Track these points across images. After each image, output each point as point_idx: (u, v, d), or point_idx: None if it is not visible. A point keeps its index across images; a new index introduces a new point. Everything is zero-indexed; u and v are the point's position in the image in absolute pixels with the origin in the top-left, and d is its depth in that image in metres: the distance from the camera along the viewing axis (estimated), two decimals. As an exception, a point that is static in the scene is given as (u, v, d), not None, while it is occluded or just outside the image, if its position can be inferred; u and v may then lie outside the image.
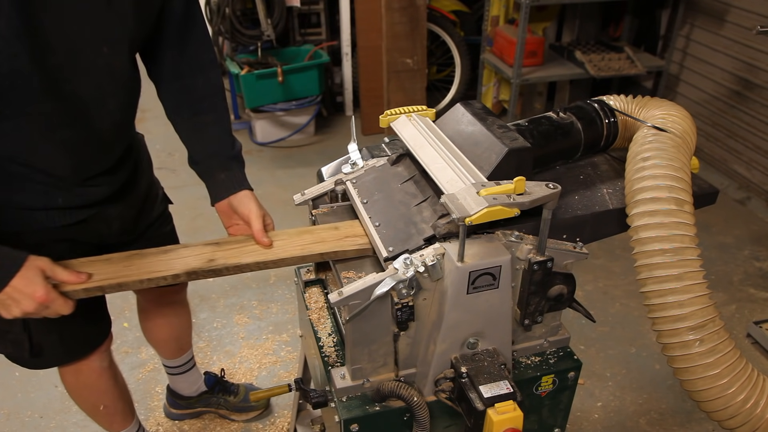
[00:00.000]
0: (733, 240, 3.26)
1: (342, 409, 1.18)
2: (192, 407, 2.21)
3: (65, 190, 1.32)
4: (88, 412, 1.79)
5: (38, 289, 1.12)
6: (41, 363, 1.56)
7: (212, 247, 1.30)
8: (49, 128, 1.22)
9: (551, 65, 3.96)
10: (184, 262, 1.25)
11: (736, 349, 1.20)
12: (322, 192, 1.44)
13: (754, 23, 3.15)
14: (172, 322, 1.97)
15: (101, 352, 1.65)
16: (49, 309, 1.15)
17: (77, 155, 1.29)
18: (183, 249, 1.29)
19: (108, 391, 1.75)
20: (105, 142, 1.35)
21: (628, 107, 1.40)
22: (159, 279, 1.22)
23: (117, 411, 1.80)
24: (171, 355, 2.07)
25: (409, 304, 1.11)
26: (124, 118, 1.39)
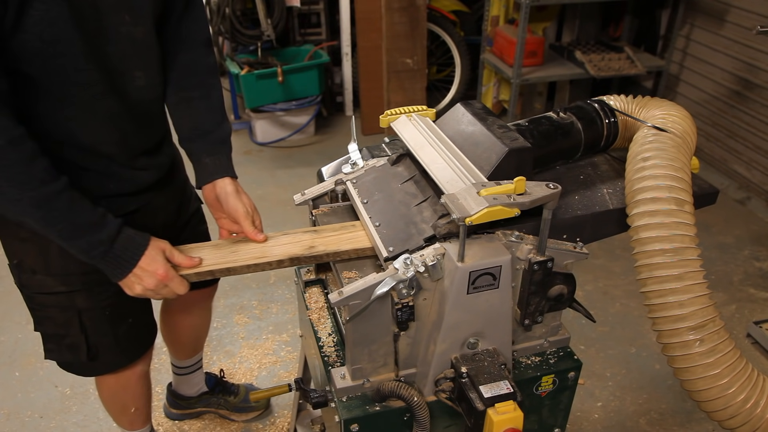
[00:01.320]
0: (733, 240, 3.26)
1: (342, 409, 1.18)
2: (192, 407, 2.21)
3: (115, 175, 1.33)
4: (115, 412, 1.77)
5: (159, 268, 1.19)
6: (97, 367, 1.56)
7: (311, 234, 1.32)
8: (92, 99, 1.22)
9: (551, 65, 3.96)
10: (285, 248, 1.29)
11: (736, 349, 1.20)
12: (322, 192, 1.44)
13: (754, 23, 3.16)
14: (195, 325, 1.98)
15: (148, 355, 1.67)
16: (167, 288, 1.22)
17: (119, 129, 1.30)
18: (283, 236, 1.33)
19: (143, 394, 1.75)
20: (142, 117, 1.35)
21: (628, 107, 1.40)
22: (265, 264, 1.26)
23: (144, 412, 1.80)
24: (185, 356, 2.07)
25: (409, 304, 1.11)
26: (154, 95, 1.38)
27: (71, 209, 1.14)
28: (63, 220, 1.14)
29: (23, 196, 1.10)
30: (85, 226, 1.16)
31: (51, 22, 1.09)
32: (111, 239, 1.18)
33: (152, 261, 1.20)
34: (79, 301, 1.41)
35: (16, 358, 2.50)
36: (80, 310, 1.42)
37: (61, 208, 1.13)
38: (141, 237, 1.22)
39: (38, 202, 1.11)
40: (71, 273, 1.37)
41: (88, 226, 1.16)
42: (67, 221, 1.14)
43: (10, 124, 1.09)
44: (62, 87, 1.18)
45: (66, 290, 1.39)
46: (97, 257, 1.18)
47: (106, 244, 1.17)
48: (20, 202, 1.11)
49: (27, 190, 1.10)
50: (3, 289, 2.89)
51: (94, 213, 1.18)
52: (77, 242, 1.16)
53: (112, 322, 1.47)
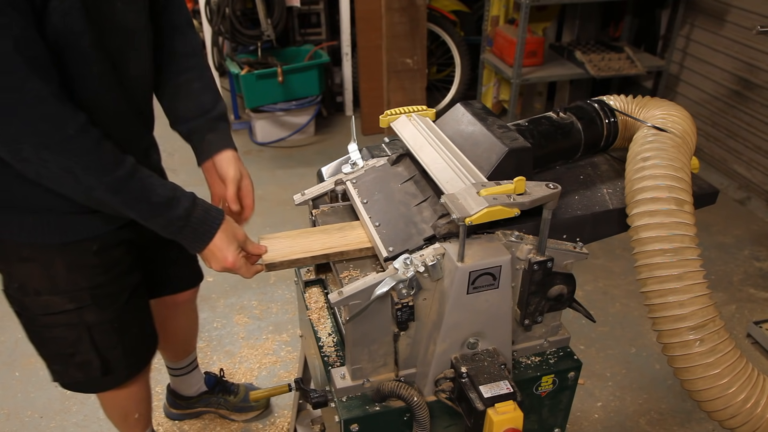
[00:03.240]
0: (733, 240, 3.26)
1: (342, 409, 1.18)
2: (192, 407, 2.21)
3: None
4: (117, 419, 1.75)
5: (229, 255, 1.21)
6: (111, 381, 1.53)
7: None
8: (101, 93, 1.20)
9: (551, 65, 3.96)
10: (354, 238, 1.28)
11: (736, 349, 1.20)
12: (322, 192, 1.44)
13: (754, 23, 3.16)
14: (183, 326, 1.97)
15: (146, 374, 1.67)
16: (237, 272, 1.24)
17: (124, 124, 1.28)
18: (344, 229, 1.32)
19: (145, 398, 1.75)
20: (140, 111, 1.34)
21: (628, 107, 1.40)
22: (335, 254, 1.26)
23: (146, 417, 1.79)
24: (177, 357, 2.07)
25: (409, 304, 1.11)
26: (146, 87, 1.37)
27: (146, 189, 1.15)
28: (140, 201, 1.15)
29: (100, 183, 1.10)
30: (162, 204, 1.16)
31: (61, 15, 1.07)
32: (188, 213, 1.18)
33: (224, 246, 1.21)
34: (88, 317, 1.39)
35: (16, 358, 2.50)
36: (90, 325, 1.40)
37: (136, 190, 1.14)
38: (216, 212, 1.22)
39: (115, 187, 1.11)
40: (80, 288, 1.36)
41: (164, 203, 1.16)
42: (144, 202, 1.15)
43: (74, 112, 1.08)
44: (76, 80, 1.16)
45: (74, 307, 1.37)
46: (175, 232, 1.19)
47: (183, 219, 1.18)
48: (98, 189, 1.11)
49: (102, 176, 1.10)
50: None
51: (167, 188, 1.18)
52: (156, 220, 1.17)
53: (119, 334, 1.46)
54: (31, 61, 1.02)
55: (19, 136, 1.05)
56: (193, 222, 1.19)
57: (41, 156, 1.06)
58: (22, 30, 1.01)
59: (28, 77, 1.02)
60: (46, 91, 1.04)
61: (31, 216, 1.25)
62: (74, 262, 1.33)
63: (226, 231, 1.22)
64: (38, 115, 1.04)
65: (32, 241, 1.29)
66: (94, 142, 1.10)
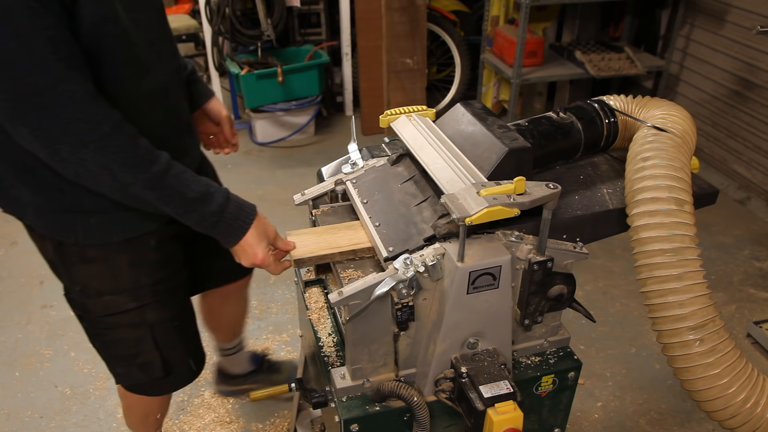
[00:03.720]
0: (733, 240, 3.26)
1: (342, 409, 1.18)
2: (241, 384, 2.23)
3: None
4: (137, 418, 1.76)
5: (259, 252, 1.23)
6: (172, 382, 1.56)
7: None
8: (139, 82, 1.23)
9: (551, 65, 3.96)
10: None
11: (736, 349, 1.20)
12: (322, 192, 1.44)
13: (754, 23, 3.15)
14: (234, 312, 2.02)
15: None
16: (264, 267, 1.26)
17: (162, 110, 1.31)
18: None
19: (167, 400, 1.76)
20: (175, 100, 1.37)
21: (628, 107, 1.40)
22: (363, 250, 1.26)
23: (163, 417, 1.80)
24: (227, 339, 2.11)
25: (409, 304, 1.11)
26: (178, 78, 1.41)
27: (181, 185, 1.17)
28: (175, 197, 1.16)
29: (137, 180, 1.12)
30: (196, 199, 1.18)
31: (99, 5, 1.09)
32: (221, 209, 1.20)
33: (254, 243, 1.23)
34: (150, 315, 1.41)
35: (16, 358, 2.50)
36: (152, 324, 1.42)
37: (171, 186, 1.16)
38: (249, 208, 1.24)
39: (151, 183, 1.13)
40: (141, 285, 1.38)
41: (198, 198, 1.18)
42: (179, 197, 1.17)
43: (109, 110, 1.10)
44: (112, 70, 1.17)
45: (136, 306, 1.39)
46: (209, 227, 1.21)
47: (217, 214, 1.20)
48: (135, 186, 1.13)
49: (139, 172, 1.12)
50: (3, 288, 2.89)
51: (201, 184, 1.20)
52: (191, 216, 1.19)
53: (179, 333, 1.49)
54: (66, 61, 1.04)
55: (57, 137, 1.06)
56: (226, 218, 1.21)
57: (79, 155, 1.08)
58: (56, 31, 1.02)
59: (64, 78, 1.04)
60: (82, 90, 1.06)
61: (94, 217, 1.27)
62: (136, 258, 1.36)
63: (258, 228, 1.24)
64: (75, 115, 1.05)
65: (97, 242, 1.30)
66: (129, 139, 1.12)
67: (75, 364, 2.46)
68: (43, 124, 1.05)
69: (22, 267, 3.03)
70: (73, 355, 2.50)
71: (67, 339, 2.59)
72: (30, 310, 2.75)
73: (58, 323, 2.67)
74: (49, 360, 2.48)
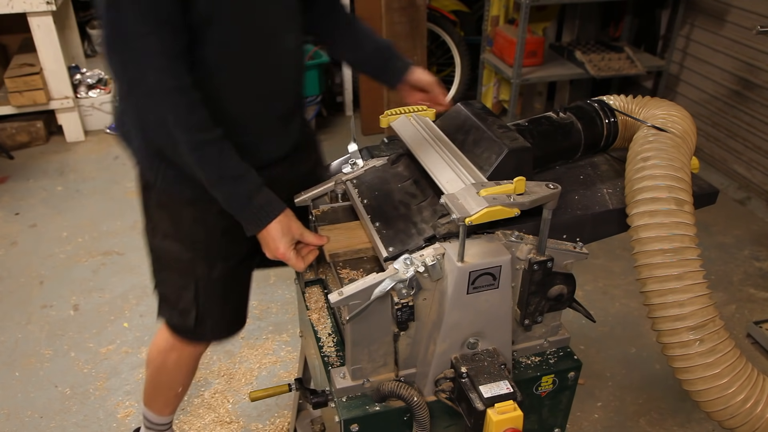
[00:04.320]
0: (733, 240, 3.26)
1: (342, 409, 1.18)
2: None
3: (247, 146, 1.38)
4: (161, 390, 1.82)
5: (281, 246, 1.28)
6: (199, 333, 1.63)
7: None
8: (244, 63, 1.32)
9: (551, 65, 3.96)
10: None
11: (736, 349, 1.20)
12: (322, 192, 1.44)
13: (754, 23, 3.15)
14: None
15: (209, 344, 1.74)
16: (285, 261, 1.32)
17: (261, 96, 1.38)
18: None
19: (190, 375, 1.81)
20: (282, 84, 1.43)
21: (628, 107, 1.40)
22: None
23: (181, 399, 1.86)
24: None
25: (409, 304, 1.11)
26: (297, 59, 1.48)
27: (220, 159, 1.24)
28: (212, 166, 1.24)
29: (184, 139, 1.21)
30: (230, 177, 1.25)
31: None
32: (251, 195, 1.26)
33: (277, 237, 1.28)
34: (199, 270, 1.51)
35: (16, 358, 2.50)
36: (198, 278, 1.51)
37: (211, 156, 1.23)
38: (277, 204, 1.29)
39: (195, 146, 1.22)
40: (198, 241, 1.48)
41: (232, 178, 1.25)
42: (216, 168, 1.24)
43: (183, 72, 1.20)
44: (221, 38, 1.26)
45: (189, 257, 1.49)
46: (234, 208, 1.28)
47: (244, 198, 1.26)
48: (181, 144, 1.22)
49: (187, 133, 1.21)
50: (3, 288, 2.89)
51: (240, 167, 1.26)
52: (221, 189, 1.26)
53: (223, 296, 1.57)
54: (161, 20, 1.15)
55: (133, 80, 1.19)
56: (253, 205, 1.27)
57: (145, 103, 1.21)
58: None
59: (154, 32, 1.15)
60: (167, 47, 1.17)
61: (172, 169, 1.37)
62: (199, 217, 1.45)
63: (282, 222, 1.28)
64: (151, 66, 1.17)
65: (169, 191, 1.43)
66: (189, 102, 1.21)
67: (75, 364, 2.47)
68: (126, 65, 1.17)
69: (22, 267, 3.03)
70: (73, 355, 2.51)
71: (67, 339, 2.59)
72: (30, 310, 2.75)
73: (58, 323, 2.67)
74: (49, 360, 2.49)
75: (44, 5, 3.79)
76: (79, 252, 3.15)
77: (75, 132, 4.30)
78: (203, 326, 1.59)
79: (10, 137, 4.14)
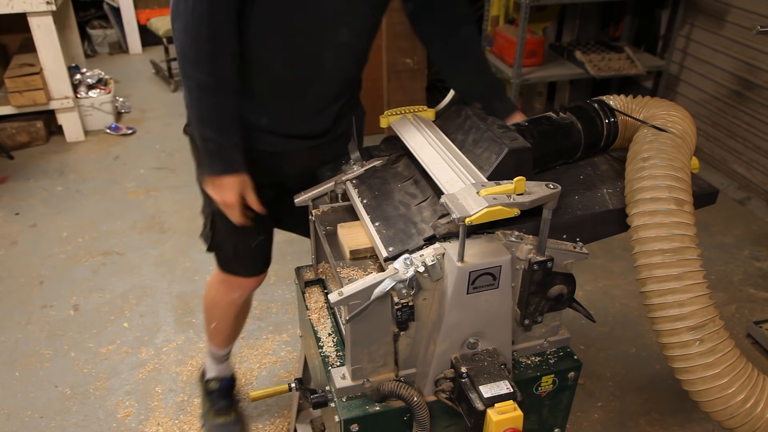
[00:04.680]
0: (733, 240, 3.26)
1: (342, 409, 1.18)
2: None
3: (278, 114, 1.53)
4: (205, 318, 2.03)
5: (230, 197, 1.45)
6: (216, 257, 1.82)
7: None
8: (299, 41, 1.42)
9: (551, 65, 3.96)
10: None
11: (735, 349, 1.20)
12: (322, 192, 1.44)
13: (754, 23, 3.15)
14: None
15: (243, 287, 1.86)
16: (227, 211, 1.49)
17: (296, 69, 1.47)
18: None
19: (224, 317, 1.96)
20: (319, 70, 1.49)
21: (628, 107, 1.40)
22: None
23: (220, 334, 2.03)
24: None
25: (409, 304, 1.11)
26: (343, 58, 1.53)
27: (213, 110, 1.38)
28: (202, 111, 1.38)
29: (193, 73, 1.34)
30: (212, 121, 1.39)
31: None
32: (219, 146, 1.41)
33: (231, 187, 1.44)
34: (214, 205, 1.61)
35: (16, 358, 2.50)
36: (215, 212, 1.66)
37: (208, 102, 1.37)
38: (238, 165, 1.44)
39: (200, 84, 1.35)
40: None
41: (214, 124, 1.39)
42: (204, 113, 1.38)
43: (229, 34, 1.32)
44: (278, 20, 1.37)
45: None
46: (203, 150, 1.43)
47: (213, 147, 1.41)
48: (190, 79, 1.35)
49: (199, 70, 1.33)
50: (3, 288, 2.89)
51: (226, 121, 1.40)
52: (198, 128, 1.41)
53: (233, 234, 1.69)
54: None
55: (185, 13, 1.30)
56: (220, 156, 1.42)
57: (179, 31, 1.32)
58: None
59: None
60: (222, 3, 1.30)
61: None
62: None
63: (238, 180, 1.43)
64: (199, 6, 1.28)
65: None
66: (212, 49, 1.32)
67: (75, 364, 2.47)
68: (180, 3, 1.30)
69: (22, 267, 3.03)
70: (73, 355, 2.50)
71: (67, 339, 2.59)
72: (30, 310, 2.75)
73: (58, 323, 2.67)
74: (49, 360, 2.49)
75: (44, 5, 3.79)
76: (79, 252, 3.15)
77: (75, 132, 4.30)
78: (216, 251, 1.79)
79: (10, 137, 4.14)
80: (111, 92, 4.50)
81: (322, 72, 1.49)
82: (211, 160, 1.43)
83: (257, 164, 1.55)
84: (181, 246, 3.17)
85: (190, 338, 2.60)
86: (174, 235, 3.26)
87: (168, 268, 3.02)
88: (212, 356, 2.13)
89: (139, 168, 3.92)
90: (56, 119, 4.26)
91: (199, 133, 1.41)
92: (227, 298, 1.90)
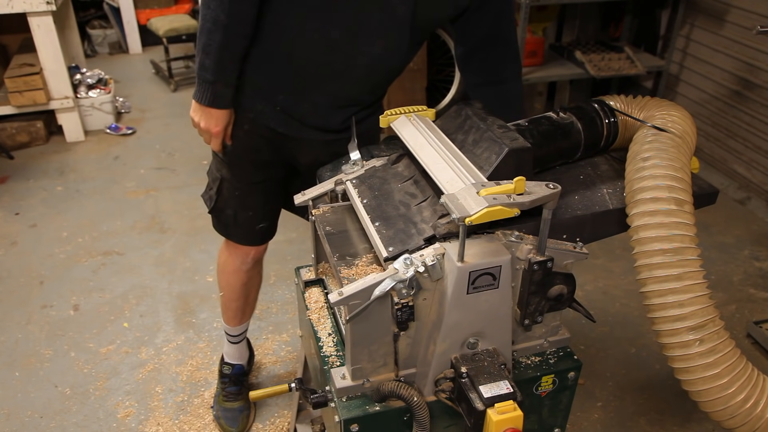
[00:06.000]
0: (733, 240, 3.26)
1: (342, 409, 1.18)
2: None
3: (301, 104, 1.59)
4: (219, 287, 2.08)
5: (215, 126, 1.57)
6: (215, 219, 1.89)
7: None
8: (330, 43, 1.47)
9: (551, 65, 3.96)
10: None
11: (735, 349, 1.20)
12: (322, 192, 1.44)
13: (754, 23, 3.16)
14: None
15: (247, 255, 1.93)
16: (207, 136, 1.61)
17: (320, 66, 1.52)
18: None
19: (231, 287, 2.02)
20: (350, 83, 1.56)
21: (628, 107, 1.40)
22: None
23: (229, 307, 2.08)
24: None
25: (409, 304, 1.11)
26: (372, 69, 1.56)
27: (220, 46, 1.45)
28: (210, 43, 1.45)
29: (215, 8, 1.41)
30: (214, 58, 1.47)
31: None
32: (215, 79, 1.49)
33: (218, 118, 1.56)
34: (224, 172, 1.76)
35: (16, 358, 2.50)
36: (223, 178, 1.76)
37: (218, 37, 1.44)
38: (228, 101, 1.55)
39: (215, 19, 1.42)
40: (235, 146, 1.68)
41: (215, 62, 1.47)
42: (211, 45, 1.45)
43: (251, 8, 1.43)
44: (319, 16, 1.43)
45: (221, 158, 1.72)
46: (199, 77, 1.51)
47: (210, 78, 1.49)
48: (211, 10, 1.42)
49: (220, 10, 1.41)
50: (3, 288, 2.89)
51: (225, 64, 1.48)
52: (199, 59, 1.48)
53: (239, 203, 1.79)
54: None
55: None
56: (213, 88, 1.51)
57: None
58: None
59: None
60: None
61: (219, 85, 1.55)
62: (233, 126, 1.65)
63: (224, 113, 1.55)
64: None
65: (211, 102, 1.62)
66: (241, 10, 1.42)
67: (75, 364, 2.47)
68: None
69: (22, 267, 3.03)
70: (73, 355, 2.51)
71: (67, 339, 2.59)
72: (30, 310, 2.75)
73: (58, 323, 2.67)
74: (49, 360, 2.49)
75: (44, 5, 3.79)
76: (79, 252, 3.15)
77: (75, 132, 4.30)
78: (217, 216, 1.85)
79: (10, 137, 4.14)
80: (111, 92, 4.50)
81: (350, 74, 1.54)
82: (203, 89, 1.51)
83: (272, 143, 1.65)
84: (181, 246, 3.18)
85: (190, 338, 2.60)
86: (174, 235, 3.26)
87: (168, 268, 3.02)
88: (226, 335, 2.19)
89: (139, 168, 3.92)
90: (56, 119, 4.26)
91: (200, 62, 1.48)
92: (231, 264, 1.96)
